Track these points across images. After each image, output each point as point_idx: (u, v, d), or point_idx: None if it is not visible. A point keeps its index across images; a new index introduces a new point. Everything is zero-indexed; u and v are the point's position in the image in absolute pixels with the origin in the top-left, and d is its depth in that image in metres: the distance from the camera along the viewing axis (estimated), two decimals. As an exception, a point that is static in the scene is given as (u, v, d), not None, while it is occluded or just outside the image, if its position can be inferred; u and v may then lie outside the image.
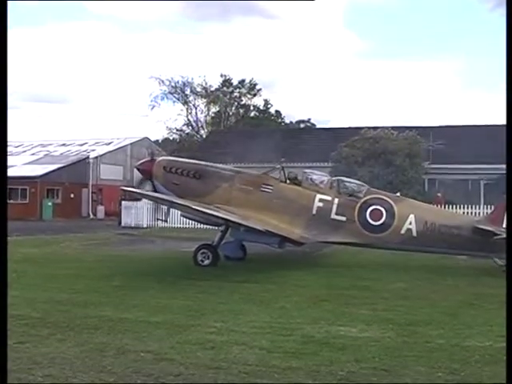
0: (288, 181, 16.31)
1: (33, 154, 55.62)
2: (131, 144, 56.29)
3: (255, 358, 6.79)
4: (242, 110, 66.59)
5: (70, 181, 49.18)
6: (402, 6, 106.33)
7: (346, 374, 6.28)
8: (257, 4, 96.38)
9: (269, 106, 67.59)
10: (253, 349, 7.19)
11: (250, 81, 65.56)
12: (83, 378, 6.10)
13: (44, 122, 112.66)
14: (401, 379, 6.16)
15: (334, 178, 16.96)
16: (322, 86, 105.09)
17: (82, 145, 57.52)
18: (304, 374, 6.28)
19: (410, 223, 15.16)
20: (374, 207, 15.50)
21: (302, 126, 67.39)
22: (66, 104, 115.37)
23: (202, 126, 64.19)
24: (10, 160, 41.57)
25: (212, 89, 63.26)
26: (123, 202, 35.19)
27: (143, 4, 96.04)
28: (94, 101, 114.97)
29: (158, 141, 64.79)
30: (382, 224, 15.35)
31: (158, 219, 27.24)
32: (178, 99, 62.99)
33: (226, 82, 64.67)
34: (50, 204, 46.63)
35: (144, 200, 29.76)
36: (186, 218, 19.13)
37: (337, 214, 15.61)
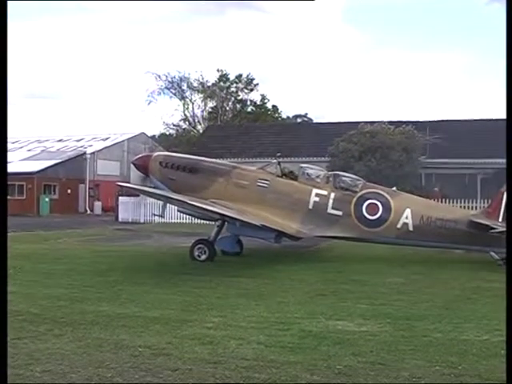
0: (284, 175, 16.33)
1: (29, 150, 55.54)
2: (128, 139, 56.29)
3: (253, 353, 6.80)
4: (238, 105, 66.53)
5: (67, 176, 49.15)
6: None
7: (343, 369, 6.29)
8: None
9: (265, 100, 67.55)
10: (250, 343, 7.20)
11: (247, 76, 65.58)
12: (81, 373, 6.10)
13: (40, 117, 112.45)
14: (398, 373, 6.17)
15: (330, 173, 17.01)
16: (319, 80, 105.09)
17: (78, 140, 57.47)
18: (302, 368, 6.29)
19: (407, 217, 15.19)
20: (370, 201, 15.52)
21: (298, 120, 67.36)
22: (62, 100, 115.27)
23: (198, 121, 64.22)
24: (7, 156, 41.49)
25: (209, 84, 63.26)
26: (120, 198, 35.21)
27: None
28: (90, 96, 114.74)
29: (154, 136, 64.83)
30: (378, 218, 15.37)
31: (154, 214, 27.37)
32: (175, 94, 63.03)
33: (223, 77, 64.62)
34: (47, 200, 46.59)
35: (141, 195, 29.79)
36: (183, 213, 19.15)
37: (333, 208, 15.63)
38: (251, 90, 66.10)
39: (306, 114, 70.12)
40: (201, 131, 57.62)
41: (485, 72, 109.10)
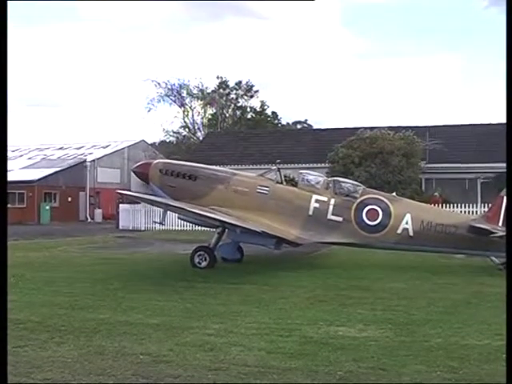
0: (284, 182, 16.36)
1: (30, 158, 55.61)
2: (128, 147, 56.34)
3: (254, 359, 6.81)
4: (238, 112, 66.60)
5: (68, 184, 49.17)
6: (396, 4, 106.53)
7: (344, 374, 6.30)
8: (250, 5, 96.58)
9: (265, 107, 67.60)
10: (252, 350, 7.21)
11: (247, 82, 65.69)
12: (83, 381, 6.11)
13: (41, 126, 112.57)
14: (399, 378, 6.18)
15: (329, 179, 17.01)
16: (319, 86, 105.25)
17: (79, 148, 57.51)
18: (303, 374, 6.30)
19: (407, 223, 15.19)
20: (370, 207, 15.52)
21: (298, 126, 67.41)
22: (62, 108, 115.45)
23: (198, 128, 64.29)
24: (7, 164, 41.52)
25: (208, 91, 63.36)
26: (121, 205, 35.23)
27: (137, 6, 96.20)
28: (90, 104, 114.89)
29: (154, 143, 64.90)
30: (378, 224, 15.37)
31: (154, 222, 27.38)
32: (175, 101, 63.11)
33: (223, 84, 64.72)
34: (47, 208, 46.60)
35: (142, 203, 29.81)
36: (183, 220, 19.14)
37: (333, 214, 15.63)
38: (251, 96, 66.23)
39: (306, 120, 70.27)
40: (201, 138, 57.69)
41: (484, 76, 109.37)
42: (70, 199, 49.43)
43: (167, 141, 65.82)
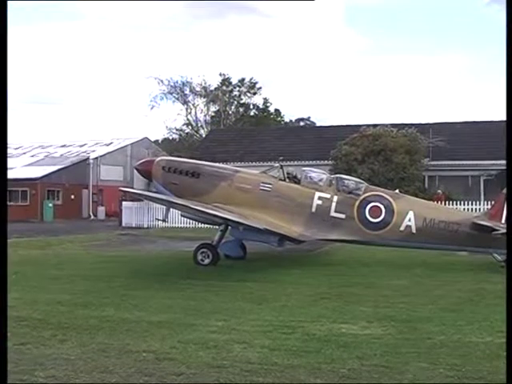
0: (287, 179, 16.35)
1: (33, 156, 55.66)
2: (131, 144, 56.35)
3: (257, 357, 6.80)
4: (241, 109, 66.58)
5: (71, 182, 49.21)
6: (399, 2, 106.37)
7: (347, 372, 6.29)
8: (252, 3, 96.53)
9: (268, 104, 67.55)
10: (254, 347, 7.20)
11: (250, 79, 65.65)
12: (86, 378, 6.11)
13: (43, 123, 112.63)
14: (402, 376, 6.17)
15: (332, 176, 17.01)
16: (322, 83, 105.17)
17: (81, 146, 57.53)
18: (306, 371, 6.30)
19: (409, 220, 15.17)
20: (373, 204, 15.51)
21: (301, 124, 67.39)
22: (65, 105, 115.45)
23: (201, 126, 64.30)
24: (10, 162, 41.55)
25: (211, 88, 63.36)
26: (124, 203, 35.22)
27: (139, 5, 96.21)
28: (93, 101, 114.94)
29: (157, 141, 64.97)
30: (381, 221, 15.35)
31: (157, 219, 27.41)
32: (178, 99, 63.14)
33: (226, 81, 64.69)
34: (50, 205, 46.62)
35: (145, 200, 29.81)
36: (186, 217, 19.15)
37: (336, 211, 15.62)
38: (254, 93, 66.17)
39: (309, 117, 70.26)
40: (203, 135, 57.68)
41: (487, 73, 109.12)
42: (72, 197, 49.47)
43: (170, 138, 65.95)
